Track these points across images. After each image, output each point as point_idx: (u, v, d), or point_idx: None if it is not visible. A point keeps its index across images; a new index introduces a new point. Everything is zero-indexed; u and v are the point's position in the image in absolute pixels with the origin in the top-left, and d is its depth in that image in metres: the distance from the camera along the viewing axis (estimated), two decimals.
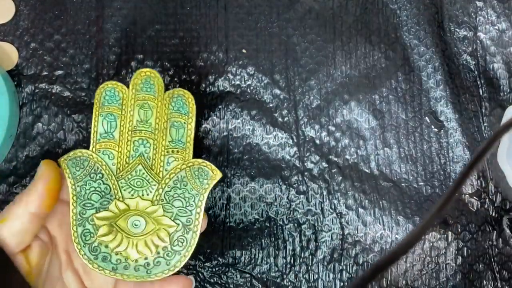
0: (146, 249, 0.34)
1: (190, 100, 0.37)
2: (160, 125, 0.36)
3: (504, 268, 0.42)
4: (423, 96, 0.44)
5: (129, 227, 0.34)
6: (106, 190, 0.35)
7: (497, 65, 0.44)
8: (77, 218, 0.34)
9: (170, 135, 0.36)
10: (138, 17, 0.44)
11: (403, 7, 0.45)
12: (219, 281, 0.41)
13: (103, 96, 0.36)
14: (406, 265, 0.41)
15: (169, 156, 0.35)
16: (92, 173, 0.34)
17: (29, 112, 0.42)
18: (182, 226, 0.34)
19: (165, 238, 0.34)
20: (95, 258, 0.34)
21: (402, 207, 0.42)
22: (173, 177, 0.35)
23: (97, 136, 0.35)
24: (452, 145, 0.43)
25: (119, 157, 0.35)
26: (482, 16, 0.45)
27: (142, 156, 0.35)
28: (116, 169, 0.35)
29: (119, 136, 0.35)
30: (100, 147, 0.35)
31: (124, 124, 0.36)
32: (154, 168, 0.35)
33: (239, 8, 0.44)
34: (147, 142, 0.35)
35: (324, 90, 0.43)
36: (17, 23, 0.43)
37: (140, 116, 0.36)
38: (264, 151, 0.43)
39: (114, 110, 0.36)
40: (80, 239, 0.34)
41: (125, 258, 0.34)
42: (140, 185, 0.35)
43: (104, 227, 0.34)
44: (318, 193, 0.42)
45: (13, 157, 0.41)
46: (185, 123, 0.36)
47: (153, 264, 0.34)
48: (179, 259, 0.34)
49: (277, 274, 0.41)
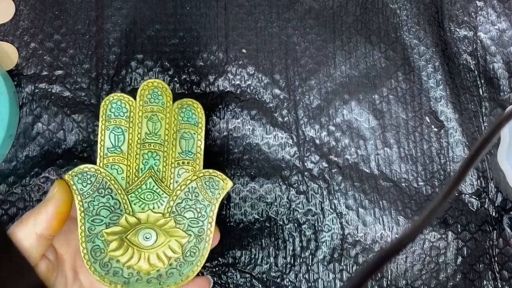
0: (159, 261, 0.34)
1: (199, 110, 0.36)
2: (169, 136, 0.35)
3: (505, 268, 0.42)
4: (423, 96, 0.44)
5: (140, 240, 0.34)
6: (116, 205, 0.34)
7: (497, 65, 0.44)
8: (86, 234, 0.33)
9: (180, 147, 0.35)
10: (138, 17, 0.44)
11: (403, 7, 0.45)
12: (219, 281, 0.41)
13: (109, 109, 0.35)
14: (406, 265, 0.41)
15: (180, 168, 0.35)
16: (100, 189, 0.34)
17: (29, 112, 0.42)
18: (194, 236, 0.34)
19: (177, 249, 0.34)
20: (106, 274, 0.33)
21: (402, 207, 0.42)
22: (184, 189, 0.35)
23: (104, 151, 0.34)
24: (452, 145, 0.43)
25: (128, 171, 0.34)
26: (482, 15, 0.45)
27: (152, 169, 0.34)
28: (125, 183, 0.34)
29: (127, 150, 0.35)
30: (108, 162, 0.34)
31: (132, 137, 0.35)
32: (164, 181, 0.35)
33: (239, 8, 0.44)
34: (157, 155, 0.35)
35: (324, 90, 0.43)
36: (17, 23, 0.43)
37: (148, 128, 0.35)
38: (264, 151, 0.42)
39: (122, 123, 0.35)
40: (90, 255, 0.33)
41: (137, 272, 0.34)
42: (151, 199, 0.34)
43: (115, 242, 0.34)
44: (318, 193, 0.42)
45: (13, 157, 0.41)
46: (194, 133, 0.36)
47: (166, 276, 0.34)
48: (192, 268, 0.34)
49: (277, 274, 0.41)
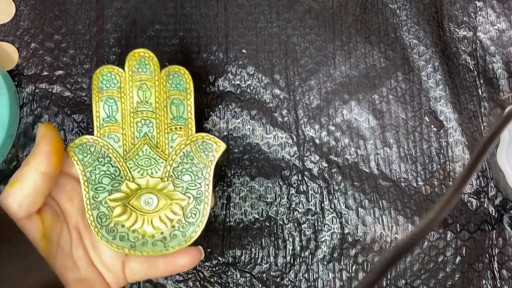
0: (162, 224, 0.36)
1: (186, 76, 0.37)
2: (160, 103, 0.36)
3: (504, 268, 0.42)
4: (422, 96, 0.44)
5: (142, 205, 0.36)
6: (116, 173, 0.35)
7: (497, 65, 0.44)
8: (91, 202, 0.35)
9: (171, 113, 0.36)
10: (138, 17, 0.44)
11: (402, 6, 0.45)
12: (219, 281, 0.41)
13: (100, 81, 0.36)
14: (406, 264, 0.41)
15: (173, 133, 0.36)
16: (100, 158, 0.35)
17: (30, 112, 0.42)
18: (194, 198, 0.36)
19: (178, 211, 0.36)
20: (113, 239, 0.35)
21: (402, 207, 0.42)
22: (179, 153, 0.36)
23: (100, 121, 0.36)
24: (452, 145, 0.43)
25: (124, 139, 0.36)
26: (481, 16, 0.45)
27: (146, 135, 0.36)
28: (123, 151, 0.36)
29: (121, 119, 0.36)
30: (105, 132, 0.36)
31: (125, 106, 0.36)
32: (159, 147, 0.36)
33: (239, 8, 0.44)
34: (150, 122, 0.36)
35: (324, 90, 0.44)
36: (17, 23, 0.43)
37: (139, 97, 0.36)
38: (264, 150, 0.43)
39: (114, 94, 0.36)
40: (96, 222, 0.35)
41: (142, 235, 0.35)
42: (148, 164, 0.36)
43: (118, 208, 0.35)
44: (318, 193, 0.42)
45: (13, 157, 0.41)
46: (184, 99, 0.37)
47: (170, 238, 0.35)
48: (194, 229, 0.36)
49: (277, 274, 0.41)
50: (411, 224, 0.41)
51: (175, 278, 0.41)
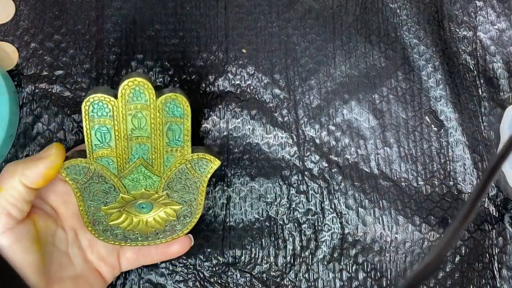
0: (156, 224, 0.38)
1: (184, 103, 0.34)
2: (155, 129, 0.34)
3: (504, 267, 0.42)
4: (423, 96, 0.44)
5: (137, 210, 0.37)
6: (111, 189, 0.36)
7: (497, 65, 0.44)
8: (86, 211, 0.36)
9: (167, 137, 0.35)
10: (138, 17, 0.44)
11: (403, 6, 0.45)
12: (219, 281, 0.41)
13: (91, 110, 0.33)
14: (406, 264, 0.41)
15: (168, 155, 0.35)
16: (94, 177, 0.35)
17: (29, 112, 0.42)
18: (187, 204, 0.37)
19: (172, 214, 0.38)
20: (109, 236, 0.37)
21: (402, 207, 0.42)
22: (174, 171, 0.36)
23: (93, 147, 0.34)
24: (452, 145, 0.43)
25: (119, 161, 0.35)
26: (481, 15, 0.45)
27: (141, 158, 0.35)
28: (117, 171, 0.35)
29: (115, 145, 0.34)
30: (98, 156, 0.34)
31: (118, 134, 0.34)
32: (154, 166, 0.36)
33: (239, 8, 0.44)
34: (145, 146, 0.34)
35: (324, 90, 0.43)
36: (17, 23, 0.43)
37: (134, 124, 0.34)
38: (264, 150, 0.43)
39: (106, 122, 0.33)
40: (92, 226, 0.37)
41: (136, 232, 0.38)
42: (143, 180, 0.36)
43: (114, 214, 0.37)
44: (318, 193, 0.42)
45: (13, 157, 0.41)
46: (181, 124, 0.35)
47: (163, 233, 0.38)
48: (186, 225, 0.38)
49: (277, 274, 0.41)
50: (411, 224, 0.41)
51: (175, 278, 0.41)
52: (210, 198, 0.42)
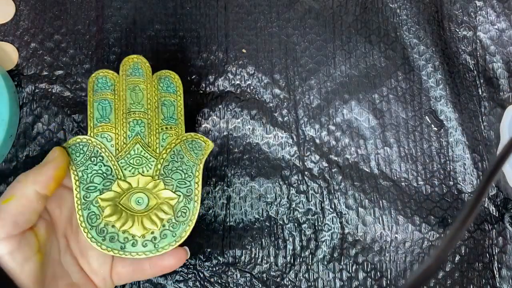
0: (152, 224, 0.36)
1: (176, 80, 0.39)
2: (151, 105, 0.38)
3: (504, 267, 0.42)
4: (423, 96, 0.44)
5: (133, 204, 0.36)
6: (108, 172, 0.36)
7: (497, 65, 0.44)
8: (81, 202, 0.35)
9: (162, 113, 0.38)
10: (138, 17, 0.44)
11: (402, 6, 0.45)
12: (219, 280, 0.41)
13: (96, 84, 0.37)
14: (406, 264, 0.41)
15: (163, 132, 0.37)
16: (92, 157, 0.36)
17: (29, 112, 0.42)
18: (184, 197, 0.36)
19: (168, 210, 0.36)
20: (103, 240, 0.35)
21: (402, 207, 0.42)
22: (170, 152, 0.37)
23: (94, 121, 0.37)
24: (452, 144, 0.43)
25: (117, 138, 0.37)
26: (481, 15, 0.45)
27: (138, 135, 0.37)
28: (115, 150, 0.36)
29: (114, 119, 0.37)
30: (98, 131, 0.37)
31: (118, 107, 0.37)
32: (150, 146, 0.37)
33: (239, 8, 0.44)
34: (142, 122, 0.37)
35: (324, 90, 0.43)
36: (17, 23, 0.43)
37: (132, 98, 0.37)
38: (264, 150, 0.43)
39: (108, 96, 0.37)
40: (86, 222, 0.35)
41: (132, 236, 0.35)
42: (140, 163, 0.36)
43: (109, 208, 0.35)
44: (318, 193, 0.42)
45: (13, 157, 0.41)
46: (174, 100, 0.38)
47: (160, 237, 0.36)
48: (184, 228, 0.36)
49: (277, 274, 0.41)
50: (411, 224, 0.41)
51: (175, 278, 0.41)
52: (210, 198, 0.42)
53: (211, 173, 0.42)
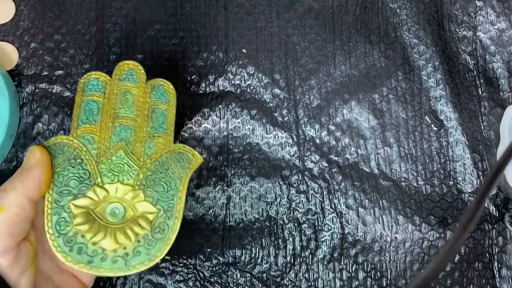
0: (126, 239, 0.32)
1: (170, 90, 0.37)
2: (141, 111, 0.36)
3: (504, 267, 0.42)
4: (423, 95, 0.44)
5: (107, 215, 0.33)
6: (85, 176, 0.33)
7: (497, 65, 0.44)
8: (52, 206, 0.32)
9: (151, 121, 0.36)
10: (138, 17, 0.44)
11: (402, 6, 0.45)
12: (219, 280, 0.41)
13: (86, 85, 0.36)
14: (406, 264, 0.41)
15: (150, 141, 0.35)
16: (71, 159, 0.34)
17: (29, 112, 0.42)
18: (164, 212, 0.33)
19: (145, 225, 0.33)
20: (69, 250, 0.32)
21: (402, 207, 0.42)
22: (154, 162, 0.34)
23: (78, 122, 0.35)
24: (452, 144, 0.43)
25: (100, 141, 0.34)
26: (481, 15, 0.45)
27: (123, 141, 0.34)
28: (97, 154, 0.34)
29: (100, 121, 0.35)
30: (81, 132, 0.34)
31: (106, 110, 0.35)
32: (135, 153, 0.34)
33: (239, 7, 0.44)
34: (128, 128, 0.35)
35: (324, 90, 0.43)
36: (17, 23, 0.43)
37: (121, 103, 0.35)
38: (264, 150, 0.43)
39: (96, 98, 0.36)
40: (54, 228, 0.32)
41: (102, 249, 0.32)
42: (121, 170, 0.34)
43: (81, 216, 0.32)
44: (318, 193, 0.42)
45: (13, 157, 0.41)
46: (166, 110, 0.36)
47: (133, 255, 0.32)
48: (160, 247, 0.32)
49: (277, 273, 0.41)
50: (411, 224, 0.42)
51: (175, 278, 0.41)
52: (210, 198, 0.42)
53: (211, 173, 0.42)
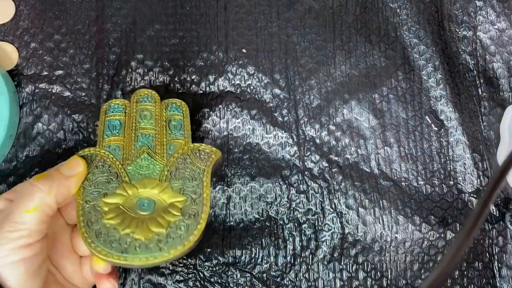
0: (158, 227, 0.33)
1: (183, 106, 0.40)
2: (160, 124, 0.39)
3: (504, 267, 0.42)
4: (423, 95, 0.44)
5: (137, 209, 0.34)
6: (113, 177, 0.35)
7: (497, 65, 0.44)
8: (83, 206, 0.34)
9: (170, 129, 0.39)
10: (138, 17, 0.44)
11: (403, 6, 0.45)
12: (219, 280, 0.41)
13: (108, 109, 0.39)
14: (406, 264, 0.41)
15: (170, 144, 0.38)
16: (99, 165, 0.36)
17: (29, 112, 0.42)
18: (191, 200, 0.35)
19: (176, 212, 0.34)
20: (103, 244, 0.32)
21: (402, 206, 0.42)
22: (177, 158, 0.37)
23: (103, 136, 0.38)
24: (452, 144, 0.43)
25: (125, 148, 0.37)
26: (481, 15, 0.45)
27: (145, 145, 0.37)
28: (123, 159, 0.37)
29: (123, 133, 0.38)
30: (106, 143, 0.37)
31: (128, 125, 0.38)
32: (158, 154, 0.37)
33: (239, 7, 0.44)
34: (150, 135, 0.38)
35: (324, 90, 0.43)
36: (17, 23, 0.43)
37: (141, 118, 0.39)
38: (264, 150, 0.43)
39: (119, 116, 0.39)
40: (86, 226, 0.33)
41: (135, 239, 0.32)
42: (147, 169, 0.36)
43: (112, 211, 0.33)
44: (319, 193, 0.42)
45: (13, 157, 0.41)
46: (181, 119, 0.40)
47: (166, 240, 0.32)
48: (193, 231, 0.33)
49: (277, 274, 0.41)
50: (411, 224, 0.41)
51: (175, 278, 0.41)
52: (210, 198, 0.42)
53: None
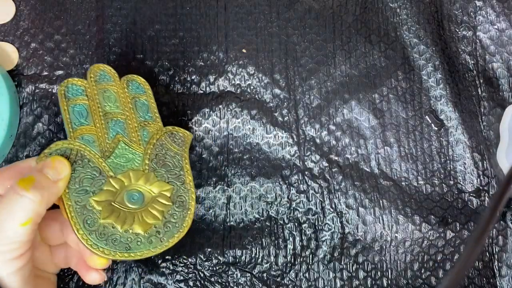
0: (154, 218, 0.34)
1: (143, 82, 0.40)
2: (126, 105, 0.38)
3: (504, 266, 0.42)
4: (423, 95, 0.44)
5: (128, 203, 0.34)
6: (96, 172, 0.35)
7: (497, 65, 0.44)
8: (74, 208, 0.33)
9: (137, 111, 0.38)
10: (138, 17, 0.44)
11: (403, 6, 0.45)
12: (219, 280, 0.41)
13: (66, 92, 0.37)
14: (406, 264, 0.41)
15: (143, 128, 0.38)
16: (78, 160, 0.34)
17: (30, 112, 0.42)
18: (177, 186, 0.36)
19: (166, 201, 0.35)
20: (105, 244, 0.32)
21: (402, 206, 0.42)
22: (154, 145, 0.37)
23: (72, 125, 0.36)
24: (452, 144, 0.43)
25: (99, 139, 0.36)
26: (481, 15, 0.45)
27: (119, 133, 0.37)
28: (100, 151, 0.36)
29: (93, 121, 0.37)
30: (78, 134, 0.36)
31: (94, 110, 0.37)
32: (133, 142, 0.37)
33: (239, 7, 0.44)
34: (120, 121, 0.37)
35: (324, 90, 0.44)
36: (17, 23, 0.43)
37: (106, 101, 0.38)
38: (264, 150, 0.43)
39: (81, 101, 0.37)
40: (84, 228, 0.32)
41: (135, 234, 0.33)
42: (127, 159, 0.36)
43: (105, 209, 0.33)
44: (319, 192, 0.42)
45: (13, 157, 0.41)
46: (146, 100, 0.39)
47: (164, 230, 0.34)
48: (185, 217, 0.35)
49: (277, 273, 0.41)
50: (411, 224, 0.42)
51: (175, 278, 0.41)
52: (211, 198, 0.42)
53: (211, 173, 0.42)
